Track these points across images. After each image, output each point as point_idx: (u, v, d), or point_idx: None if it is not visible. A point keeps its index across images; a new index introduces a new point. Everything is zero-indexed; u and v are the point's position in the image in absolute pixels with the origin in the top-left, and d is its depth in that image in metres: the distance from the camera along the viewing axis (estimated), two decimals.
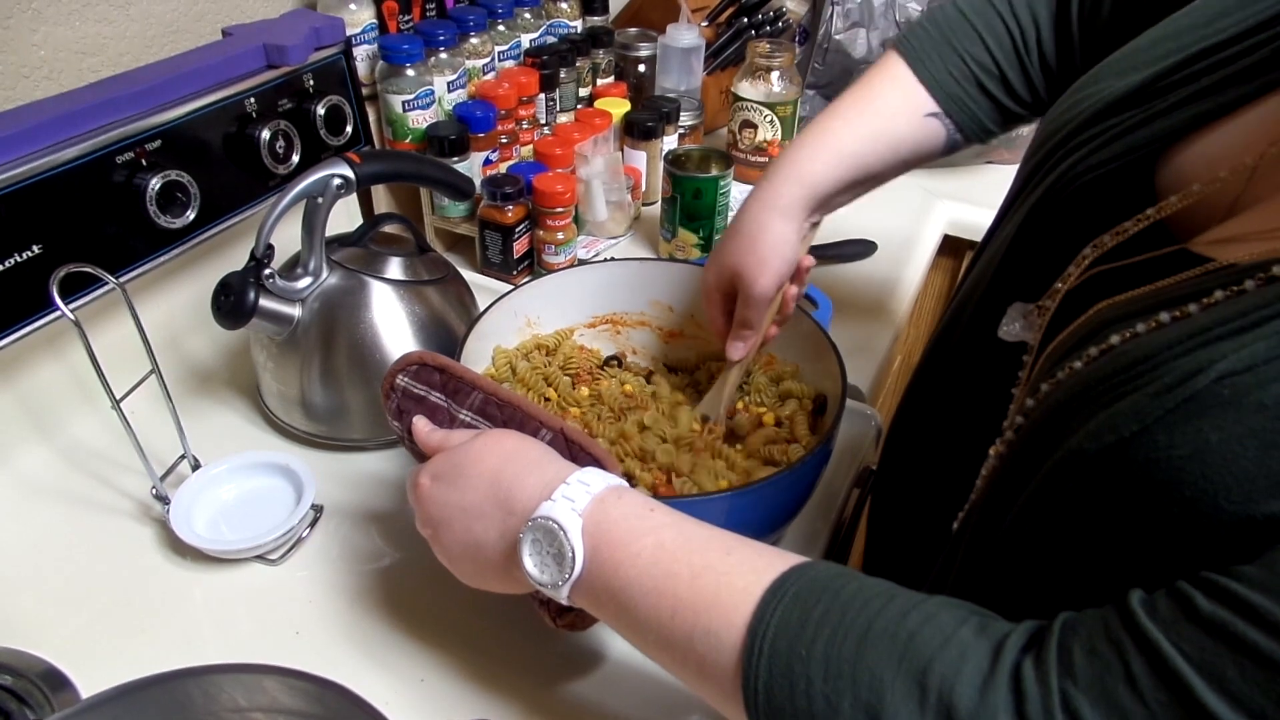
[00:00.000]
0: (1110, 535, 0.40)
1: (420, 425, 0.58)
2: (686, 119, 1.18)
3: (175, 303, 0.85)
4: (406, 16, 1.01)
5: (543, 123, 1.12)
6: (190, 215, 0.76)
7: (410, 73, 0.96)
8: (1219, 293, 0.39)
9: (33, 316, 0.68)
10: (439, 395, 0.60)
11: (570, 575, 0.47)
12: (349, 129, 0.91)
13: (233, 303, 0.69)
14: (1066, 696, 0.34)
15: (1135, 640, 0.34)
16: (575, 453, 0.55)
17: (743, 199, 0.72)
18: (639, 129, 1.10)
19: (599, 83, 1.20)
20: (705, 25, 1.28)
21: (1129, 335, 0.41)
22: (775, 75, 1.15)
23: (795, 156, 0.69)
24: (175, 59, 0.79)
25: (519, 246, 0.98)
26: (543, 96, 1.09)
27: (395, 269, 0.76)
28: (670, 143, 1.14)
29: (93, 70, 0.79)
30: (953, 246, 1.28)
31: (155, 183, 0.72)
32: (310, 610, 0.65)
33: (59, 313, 0.59)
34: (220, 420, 0.81)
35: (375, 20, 0.98)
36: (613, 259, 0.85)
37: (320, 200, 0.70)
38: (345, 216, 1.00)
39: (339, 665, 0.61)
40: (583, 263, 0.99)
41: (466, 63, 1.04)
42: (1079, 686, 0.34)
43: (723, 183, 0.99)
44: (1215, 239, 0.43)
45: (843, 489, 0.78)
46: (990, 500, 0.49)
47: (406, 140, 1.00)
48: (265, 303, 0.71)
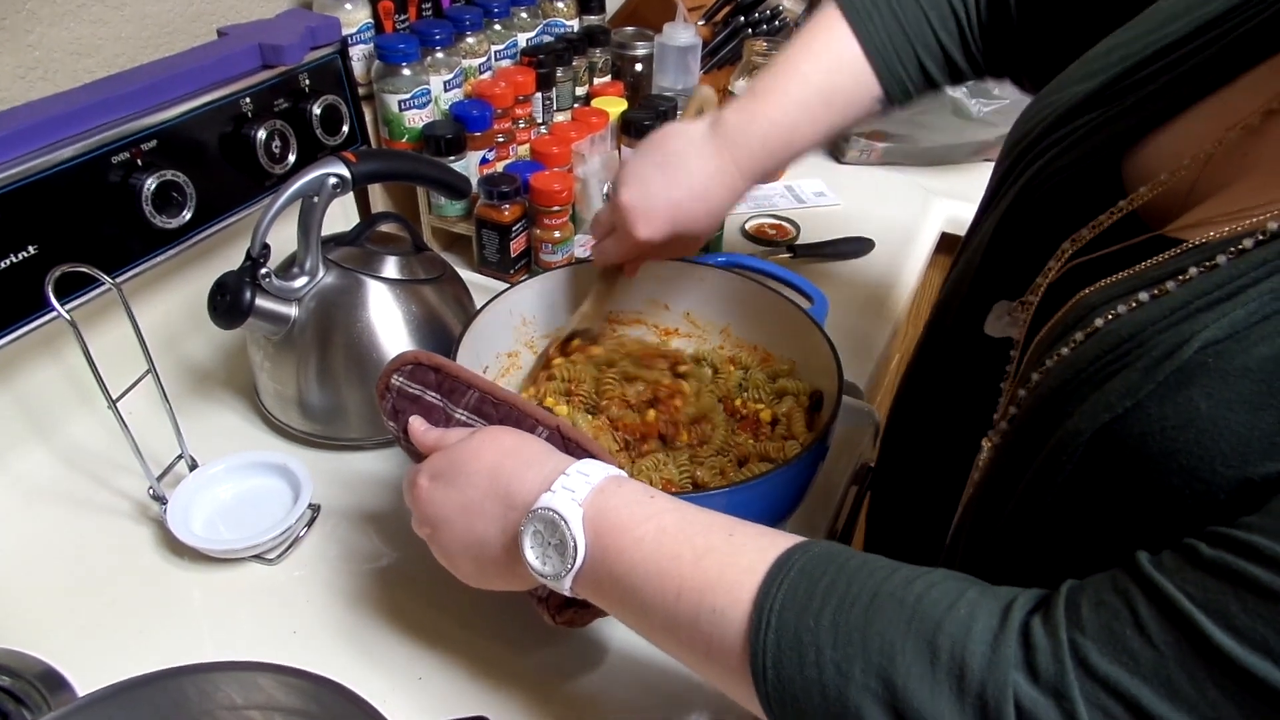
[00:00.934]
0: (1112, 512, 0.40)
1: (416, 425, 0.58)
2: None
3: (172, 303, 0.84)
4: (402, 16, 1.01)
5: (539, 122, 1.12)
6: (186, 215, 0.76)
7: (406, 72, 0.96)
8: (1193, 269, 0.40)
9: (29, 317, 0.68)
10: (434, 395, 0.60)
11: (573, 565, 0.47)
12: (345, 128, 0.91)
13: (229, 302, 0.69)
14: (1075, 645, 0.35)
15: (1141, 587, 0.35)
16: (572, 449, 0.55)
17: (680, 144, 0.70)
18: (636, 128, 1.09)
19: (596, 82, 1.20)
20: (702, 24, 1.28)
21: (1111, 317, 0.42)
22: None
23: (756, 152, 0.68)
24: (170, 59, 0.79)
25: (516, 245, 0.98)
26: (539, 95, 1.09)
27: (392, 268, 0.76)
28: None
29: (88, 71, 0.79)
30: (950, 244, 1.28)
31: (151, 183, 0.72)
32: (307, 609, 0.65)
33: (55, 313, 0.59)
34: (217, 420, 0.81)
35: (371, 20, 0.98)
36: None
37: (316, 200, 0.70)
38: (342, 216, 1.00)
39: (336, 664, 0.60)
40: (580, 261, 0.99)
41: (463, 62, 1.04)
42: (1087, 635, 0.35)
43: None
44: (1186, 224, 0.45)
45: (840, 486, 0.78)
46: (989, 490, 0.50)
47: (403, 139, 1.00)
48: (262, 302, 0.71)
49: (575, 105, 1.16)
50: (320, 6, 0.95)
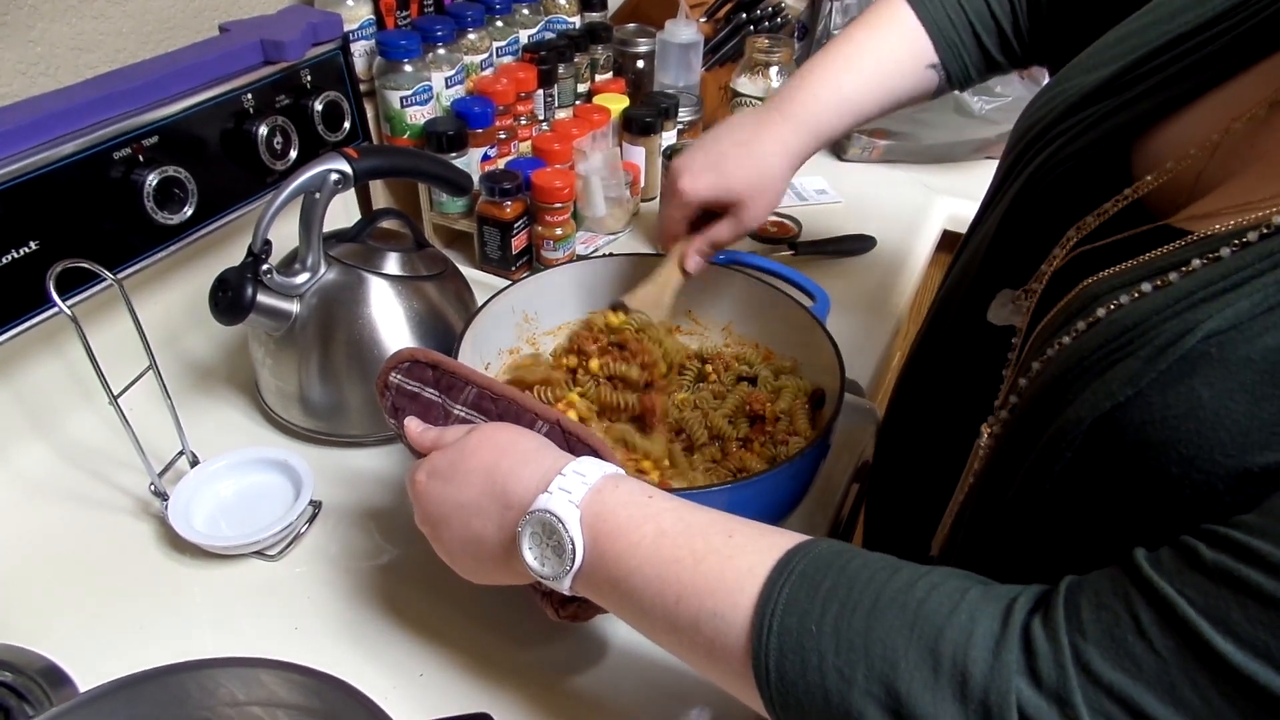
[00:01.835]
0: (1112, 501, 0.40)
1: (412, 426, 0.58)
2: (685, 115, 1.18)
3: (173, 299, 0.84)
4: (404, 12, 1.00)
5: (541, 119, 1.11)
6: (188, 211, 0.76)
7: (408, 68, 0.96)
8: (1197, 261, 0.40)
9: (30, 313, 0.68)
10: (433, 391, 0.60)
11: (571, 567, 0.47)
12: (347, 125, 0.91)
13: (230, 298, 0.69)
14: (1077, 650, 0.35)
15: (1142, 592, 0.35)
16: (572, 444, 0.55)
17: (733, 118, 0.74)
18: (637, 125, 1.09)
19: (597, 78, 1.20)
20: (704, 21, 1.28)
21: (1114, 306, 0.43)
22: (774, 70, 1.15)
23: (808, 103, 0.72)
24: (172, 55, 0.79)
25: (517, 242, 0.98)
26: (541, 92, 1.09)
27: (393, 264, 0.76)
28: (669, 138, 1.14)
29: (90, 66, 0.79)
30: (951, 241, 1.27)
31: (153, 179, 0.72)
32: (309, 606, 0.65)
33: (56, 309, 0.59)
34: (218, 416, 0.81)
35: (373, 16, 0.97)
36: (611, 254, 0.85)
37: (318, 196, 0.70)
38: (343, 212, 0.99)
39: (338, 660, 0.60)
40: (581, 258, 0.99)
41: (464, 58, 1.04)
42: (1089, 639, 0.35)
43: None
44: (1192, 215, 0.45)
45: (842, 483, 0.78)
46: (989, 479, 0.50)
47: (404, 136, 1.00)
48: (263, 298, 0.71)
49: (577, 102, 1.16)
50: (322, 2, 0.94)
